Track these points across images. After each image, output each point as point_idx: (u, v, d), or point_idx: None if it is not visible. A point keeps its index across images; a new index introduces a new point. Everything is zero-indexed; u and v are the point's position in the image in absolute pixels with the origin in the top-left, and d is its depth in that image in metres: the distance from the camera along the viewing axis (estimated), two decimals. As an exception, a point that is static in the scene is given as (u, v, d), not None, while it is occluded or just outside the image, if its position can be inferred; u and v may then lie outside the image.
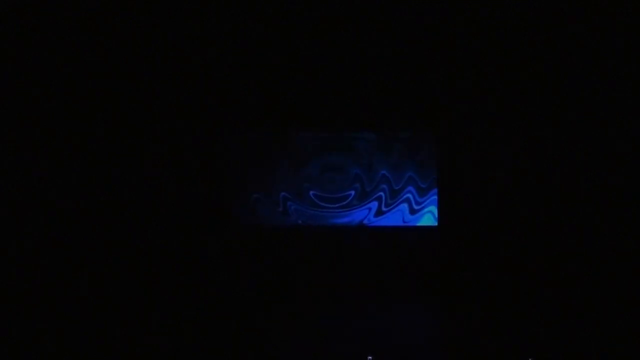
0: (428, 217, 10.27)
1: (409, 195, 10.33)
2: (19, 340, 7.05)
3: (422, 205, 10.31)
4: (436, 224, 10.22)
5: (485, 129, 9.57)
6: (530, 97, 9.28)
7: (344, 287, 10.03)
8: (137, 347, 7.09)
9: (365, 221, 10.36)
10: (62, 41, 8.79)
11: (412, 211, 10.33)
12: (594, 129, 8.96)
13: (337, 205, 10.43)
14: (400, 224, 10.30)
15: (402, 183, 10.32)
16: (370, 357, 6.12)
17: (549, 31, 8.81)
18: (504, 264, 9.44)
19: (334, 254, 10.23)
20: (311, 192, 10.48)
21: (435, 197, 10.21)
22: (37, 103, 8.77)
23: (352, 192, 10.43)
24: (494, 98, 9.44)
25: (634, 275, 8.48)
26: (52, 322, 7.83)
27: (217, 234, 10.31)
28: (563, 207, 9.15)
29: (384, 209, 10.37)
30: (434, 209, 10.26)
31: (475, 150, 9.64)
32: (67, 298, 8.70)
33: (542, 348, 6.76)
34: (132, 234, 9.64)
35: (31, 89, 8.74)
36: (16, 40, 8.44)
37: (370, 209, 10.40)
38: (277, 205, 10.40)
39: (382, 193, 10.36)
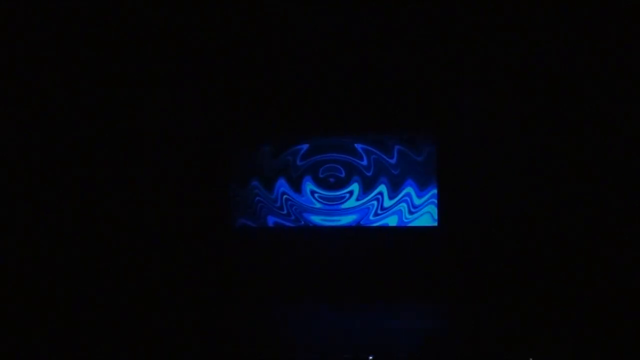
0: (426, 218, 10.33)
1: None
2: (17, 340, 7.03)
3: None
4: (436, 224, 10.30)
5: (487, 128, 9.56)
6: (533, 98, 9.27)
7: (344, 287, 10.04)
8: (132, 348, 7.09)
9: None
10: (61, 42, 8.78)
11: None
12: (597, 130, 8.93)
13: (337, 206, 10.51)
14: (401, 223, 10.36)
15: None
16: (371, 357, 6.11)
17: (551, 32, 8.79)
18: (506, 264, 9.41)
19: (334, 255, 10.24)
20: (313, 192, 10.53)
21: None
22: (35, 104, 8.75)
23: (351, 193, 10.49)
24: (496, 98, 9.44)
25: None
26: (50, 324, 7.84)
27: (216, 235, 10.33)
28: (566, 207, 9.12)
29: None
30: (432, 208, 10.36)
31: (476, 150, 9.62)
32: (63, 297, 8.71)
33: (544, 348, 6.76)
34: (127, 235, 9.62)
35: (31, 90, 8.73)
36: (22, 41, 8.43)
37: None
38: (275, 205, 10.49)
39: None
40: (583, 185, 8.96)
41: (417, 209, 10.42)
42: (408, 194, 10.40)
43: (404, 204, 10.41)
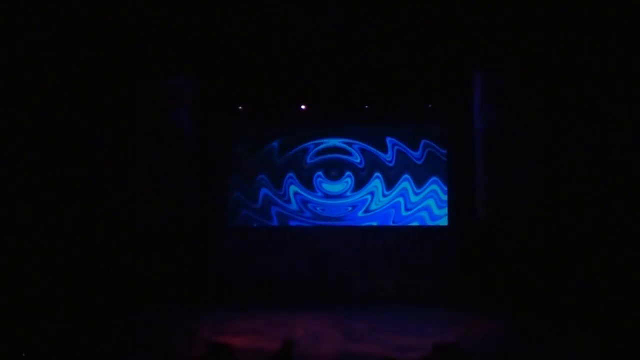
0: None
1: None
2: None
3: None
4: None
5: (492, 128, 9.57)
6: (540, 98, 9.29)
7: (352, 286, 10.04)
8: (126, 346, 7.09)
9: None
10: (59, 42, 8.75)
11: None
12: (597, 130, 8.91)
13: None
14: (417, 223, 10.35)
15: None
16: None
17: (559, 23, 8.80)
18: (512, 263, 9.41)
19: (342, 254, 10.23)
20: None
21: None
22: (31, 103, 8.71)
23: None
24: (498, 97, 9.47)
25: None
26: (48, 322, 7.85)
27: (218, 234, 10.31)
28: (576, 206, 9.10)
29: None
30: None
31: (486, 149, 9.61)
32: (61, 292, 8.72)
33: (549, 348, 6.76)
34: (123, 236, 9.59)
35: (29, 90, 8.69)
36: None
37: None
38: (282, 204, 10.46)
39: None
40: (594, 183, 8.87)
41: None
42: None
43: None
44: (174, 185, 9.64)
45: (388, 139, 10.34)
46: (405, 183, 10.32)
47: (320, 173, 10.41)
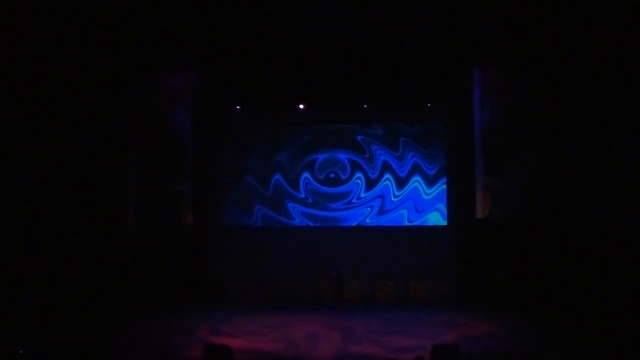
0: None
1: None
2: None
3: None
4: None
5: (493, 127, 9.55)
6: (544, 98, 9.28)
7: (351, 286, 10.01)
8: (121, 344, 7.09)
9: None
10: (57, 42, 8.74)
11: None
12: (597, 130, 8.89)
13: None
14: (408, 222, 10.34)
15: None
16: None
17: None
18: (512, 263, 9.40)
19: (342, 254, 10.21)
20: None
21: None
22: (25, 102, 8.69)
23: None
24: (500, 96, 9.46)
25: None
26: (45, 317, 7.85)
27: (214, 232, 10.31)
28: (576, 206, 9.07)
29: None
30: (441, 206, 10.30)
31: (486, 149, 9.58)
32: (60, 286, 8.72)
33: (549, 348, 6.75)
34: (123, 237, 9.58)
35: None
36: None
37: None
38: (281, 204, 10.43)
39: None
40: (598, 182, 8.85)
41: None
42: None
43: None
44: (173, 185, 9.62)
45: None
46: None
47: (321, 172, 10.41)
